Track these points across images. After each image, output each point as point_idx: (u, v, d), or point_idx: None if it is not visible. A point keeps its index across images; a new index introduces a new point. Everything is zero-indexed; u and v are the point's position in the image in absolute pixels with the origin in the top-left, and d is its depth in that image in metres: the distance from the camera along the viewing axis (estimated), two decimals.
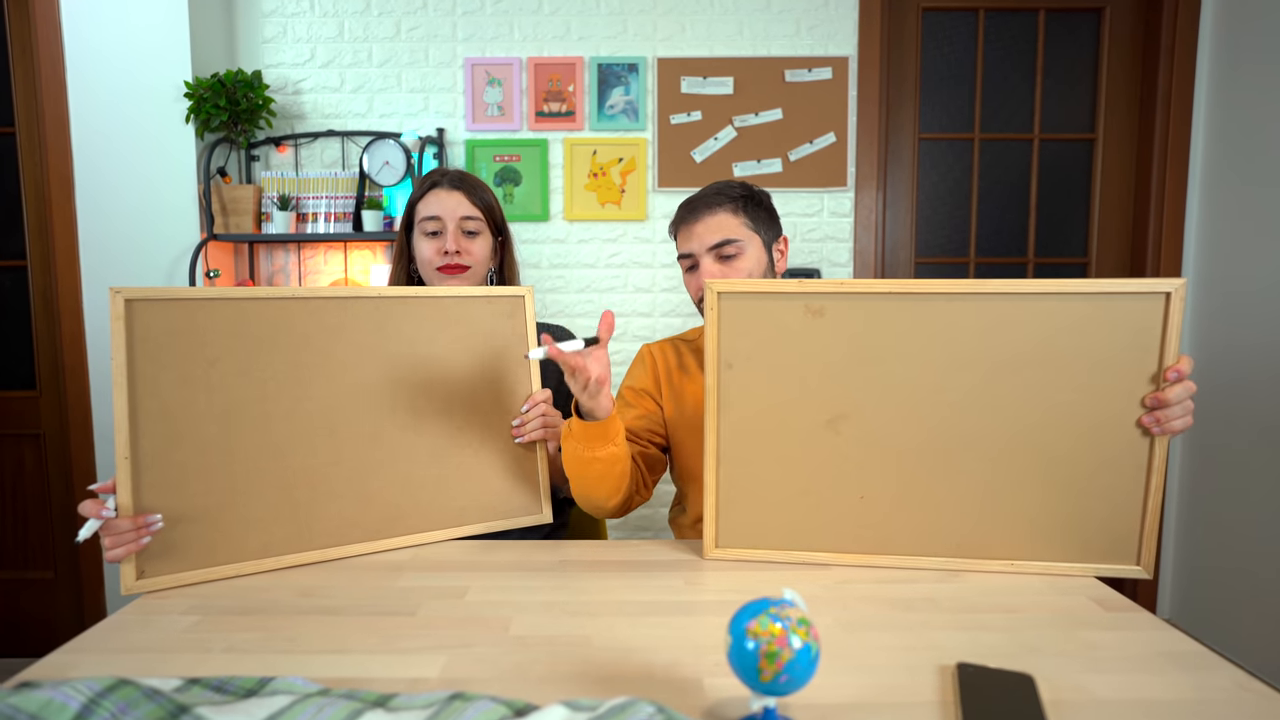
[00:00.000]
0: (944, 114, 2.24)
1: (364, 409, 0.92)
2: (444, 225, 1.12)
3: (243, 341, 0.86)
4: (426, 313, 0.96)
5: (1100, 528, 0.84)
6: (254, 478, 0.86)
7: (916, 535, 0.87)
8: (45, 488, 2.10)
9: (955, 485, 0.86)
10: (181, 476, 0.83)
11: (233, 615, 0.75)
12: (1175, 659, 0.65)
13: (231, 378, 0.86)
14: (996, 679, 0.60)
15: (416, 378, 0.95)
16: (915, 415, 0.86)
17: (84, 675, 0.62)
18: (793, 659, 0.48)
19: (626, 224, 2.17)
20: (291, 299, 0.89)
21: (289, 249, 2.17)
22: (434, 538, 0.96)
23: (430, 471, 0.96)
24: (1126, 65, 2.20)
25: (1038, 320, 0.82)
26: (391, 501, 0.93)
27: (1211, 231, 2.10)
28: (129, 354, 0.82)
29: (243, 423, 0.86)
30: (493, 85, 2.13)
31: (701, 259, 1.07)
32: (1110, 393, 0.82)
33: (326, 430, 0.90)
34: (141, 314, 0.82)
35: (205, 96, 1.94)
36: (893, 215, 2.25)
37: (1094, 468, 0.83)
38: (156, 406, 0.83)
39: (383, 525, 0.93)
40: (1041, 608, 0.77)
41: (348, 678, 0.62)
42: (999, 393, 0.83)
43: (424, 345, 0.95)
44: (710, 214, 1.07)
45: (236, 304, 0.87)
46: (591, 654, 0.66)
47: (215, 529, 0.84)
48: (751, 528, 0.91)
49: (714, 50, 2.13)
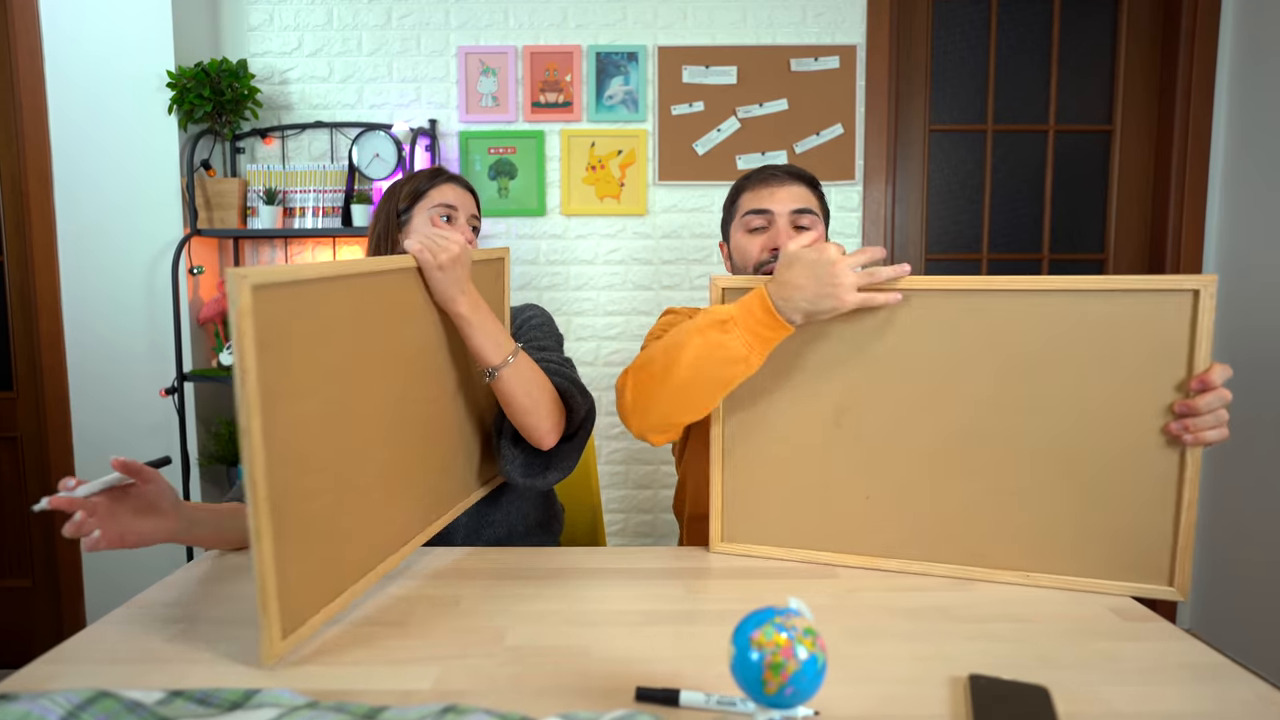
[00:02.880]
0: (955, 105, 2.24)
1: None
2: (457, 215, 1.16)
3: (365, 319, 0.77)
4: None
5: (1126, 543, 0.82)
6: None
7: (926, 540, 0.87)
8: (22, 492, 2.10)
9: (966, 490, 0.86)
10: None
11: (217, 625, 0.75)
12: (1195, 670, 0.65)
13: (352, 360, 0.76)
14: (1010, 691, 0.60)
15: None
16: (923, 415, 0.86)
17: (63, 687, 0.62)
18: (799, 670, 0.48)
19: (626, 219, 2.17)
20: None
21: (275, 244, 2.17)
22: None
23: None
24: (1145, 54, 2.20)
25: (1054, 319, 0.81)
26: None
27: (1234, 226, 2.10)
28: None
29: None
30: (487, 75, 2.13)
31: (779, 219, 1.10)
32: (1135, 397, 0.80)
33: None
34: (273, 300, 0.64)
35: (188, 86, 1.94)
36: (902, 210, 2.25)
37: (1118, 477, 0.82)
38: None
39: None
40: (1057, 617, 0.77)
41: (337, 690, 0.62)
42: (1011, 394, 0.83)
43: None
44: (795, 184, 1.12)
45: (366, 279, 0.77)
46: (590, 665, 0.66)
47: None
48: (757, 524, 0.93)
49: (716, 38, 2.13)
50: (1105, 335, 0.80)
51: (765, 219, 1.11)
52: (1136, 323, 0.80)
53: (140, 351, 2.02)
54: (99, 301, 2.01)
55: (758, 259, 1.11)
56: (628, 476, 2.21)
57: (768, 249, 1.10)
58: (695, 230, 2.16)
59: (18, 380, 2.08)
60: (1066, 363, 0.82)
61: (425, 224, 1.15)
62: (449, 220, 1.15)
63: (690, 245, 2.17)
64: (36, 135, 1.98)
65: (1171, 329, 0.79)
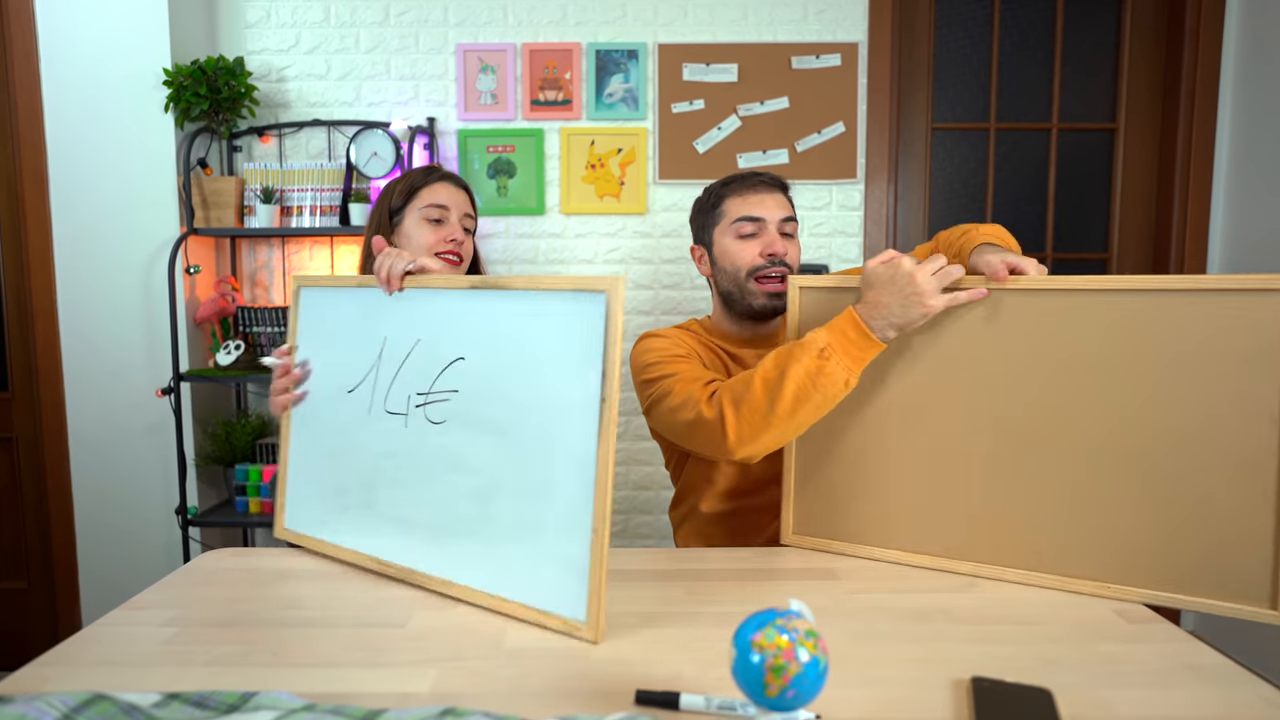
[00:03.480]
0: (958, 103, 2.24)
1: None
2: (449, 215, 1.16)
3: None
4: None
5: (1219, 559, 0.77)
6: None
7: (994, 545, 0.86)
8: (17, 494, 2.10)
9: (1036, 493, 0.84)
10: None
11: (213, 627, 0.75)
12: (1200, 673, 0.65)
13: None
14: (1013, 694, 0.60)
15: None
16: (993, 416, 0.85)
17: (59, 689, 0.62)
18: (800, 673, 0.48)
19: (626, 217, 2.17)
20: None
21: (273, 244, 2.17)
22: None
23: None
24: (1149, 52, 2.20)
25: (1133, 319, 0.79)
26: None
27: (1238, 225, 2.10)
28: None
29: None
30: (486, 72, 2.13)
31: (770, 226, 1.16)
32: (1230, 403, 0.76)
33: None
34: None
35: (185, 84, 1.94)
36: (904, 209, 2.25)
37: (1210, 488, 0.77)
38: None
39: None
40: (1060, 620, 0.77)
41: (334, 692, 0.62)
42: (1087, 397, 0.81)
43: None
44: (778, 192, 1.19)
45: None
46: (589, 668, 0.66)
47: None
48: (825, 520, 0.96)
49: (717, 36, 2.13)
50: (1192, 337, 0.77)
51: (757, 226, 1.15)
52: (1226, 324, 0.76)
53: (136, 352, 2.02)
54: (95, 301, 2.01)
55: (752, 263, 1.14)
56: (628, 477, 2.21)
57: (765, 254, 1.14)
58: None
59: (13, 381, 2.08)
60: (1149, 365, 0.79)
61: (417, 226, 1.15)
62: (440, 222, 1.16)
63: (690, 244, 2.17)
64: (32, 134, 1.97)
65: (1268, 331, 0.74)
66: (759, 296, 1.14)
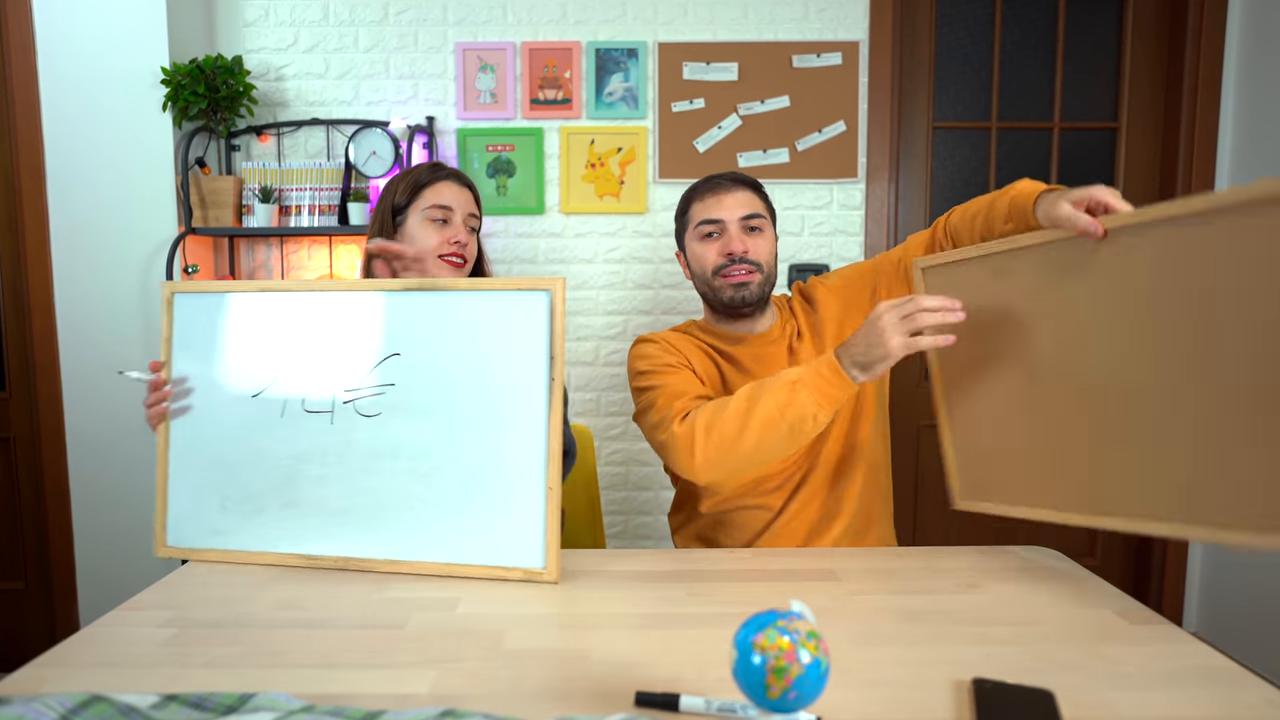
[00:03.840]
0: (959, 102, 2.24)
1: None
2: (453, 216, 1.16)
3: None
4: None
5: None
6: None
7: (1133, 493, 0.81)
8: (15, 494, 2.10)
9: (1174, 435, 0.77)
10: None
11: (212, 628, 0.75)
12: (1203, 674, 0.65)
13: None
14: (1014, 695, 0.60)
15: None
16: (1120, 361, 0.82)
17: (57, 691, 0.62)
18: (802, 674, 0.48)
19: (626, 217, 2.17)
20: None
21: (271, 243, 2.17)
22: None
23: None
24: (1151, 50, 2.20)
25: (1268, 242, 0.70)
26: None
27: None
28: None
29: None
30: (485, 71, 2.13)
31: (730, 226, 1.18)
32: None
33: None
34: None
35: (183, 83, 1.94)
36: (905, 208, 2.25)
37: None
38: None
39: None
40: (1061, 620, 0.77)
41: (333, 694, 0.62)
42: (1222, 329, 0.74)
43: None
44: (740, 189, 1.20)
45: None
46: (589, 669, 0.66)
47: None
48: (988, 482, 0.98)
49: (718, 34, 2.13)
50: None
51: (717, 227, 1.18)
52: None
53: (134, 351, 2.02)
54: (92, 301, 2.01)
55: (715, 264, 1.18)
56: (628, 478, 2.21)
57: (723, 254, 1.17)
58: None
59: (10, 380, 2.08)
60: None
61: (420, 226, 1.14)
62: (445, 222, 1.15)
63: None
64: (29, 132, 1.97)
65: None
66: (725, 290, 1.17)
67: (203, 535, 0.96)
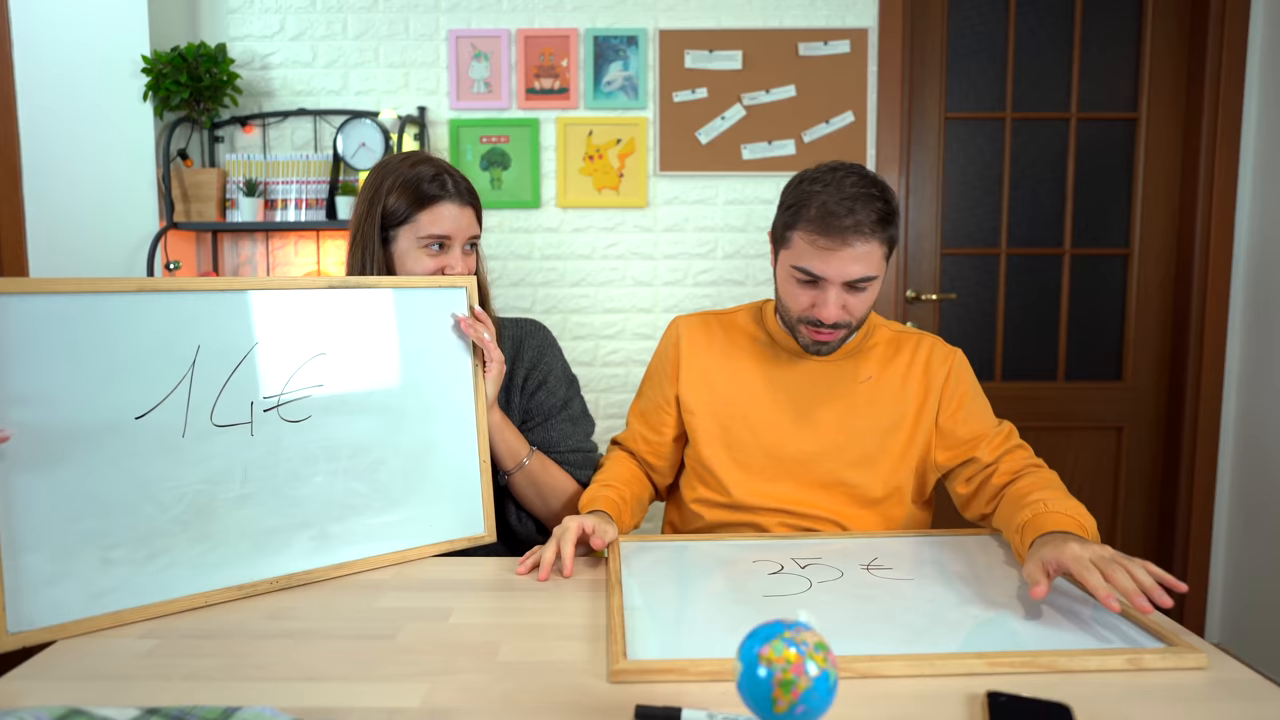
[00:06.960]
0: (973, 91, 2.24)
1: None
2: (452, 244, 1.10)
3: None
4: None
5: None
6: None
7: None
8: None
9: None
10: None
11: (194, 640, 0.75)
12: (1226, 688, 0.65)
13: None
14: (1030, 709, 0.60)
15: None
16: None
17: (34, 704, 0.62)
18: (810, 688, 0.48)
19: (625, 211, 2.17)
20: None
21: (256, 238, 2.17)
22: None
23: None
24: (1172, 37, 2.20)
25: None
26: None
27: (1265, 218, 2.10)
28: None
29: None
30: (479, 60, 2.13)
31: (831, 289, 1.03)
32: None
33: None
34: None
35: (164, 72, 1.94)
36: (916, 202, 2.25)
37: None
38: None
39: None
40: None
41: (321, 707, 0.62)
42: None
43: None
44: (862, 242, 1.00)
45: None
46: (586, 681, 0.66)
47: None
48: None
49: (721, 21, 2.13)
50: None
51: (816, 280, 1.03)
52: None
53: None
54: None
55: (801, 313, 1.06)
56: None
57: (813, 310, 1.04)
58: (698, 224, 2.16)
59: None
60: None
61: (413, 252, 1.09)
62: (441, 248, 1.10)
63: (693, 239, 2.17)
64: (4, 123, 1.97)
65: None
66: (804, 336, 1.08)
67: (76, 604, 0.77)
